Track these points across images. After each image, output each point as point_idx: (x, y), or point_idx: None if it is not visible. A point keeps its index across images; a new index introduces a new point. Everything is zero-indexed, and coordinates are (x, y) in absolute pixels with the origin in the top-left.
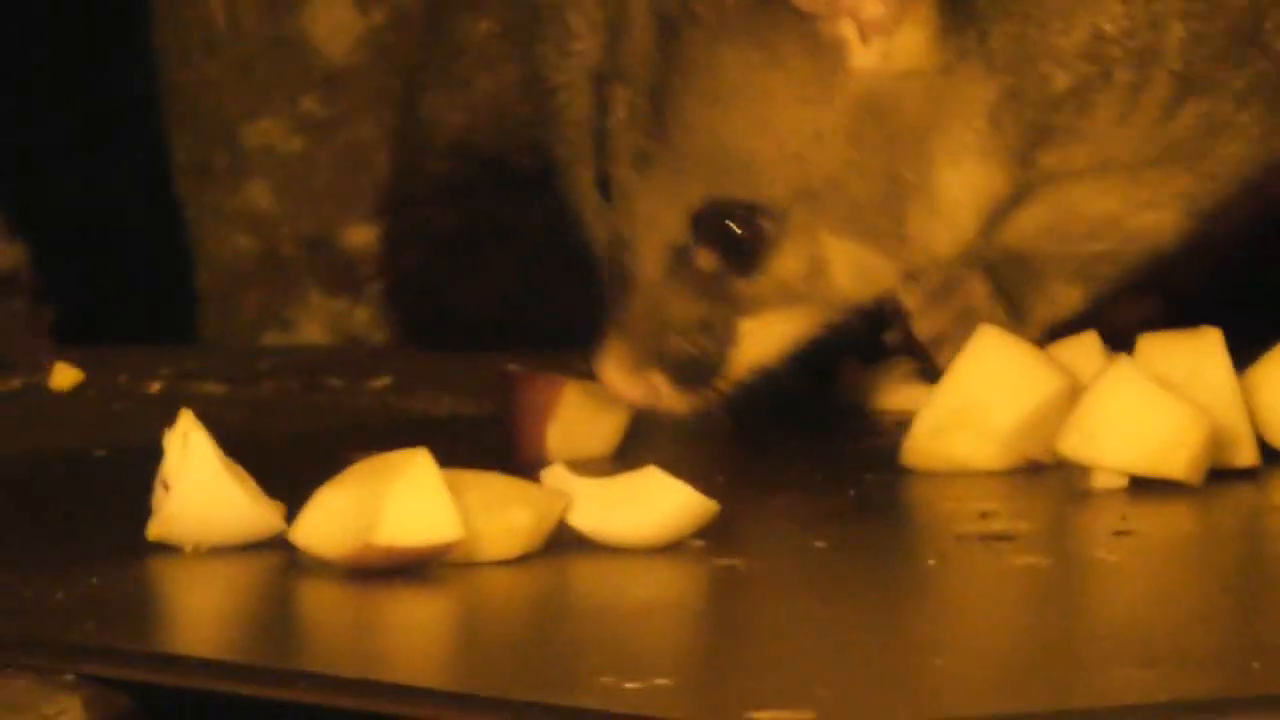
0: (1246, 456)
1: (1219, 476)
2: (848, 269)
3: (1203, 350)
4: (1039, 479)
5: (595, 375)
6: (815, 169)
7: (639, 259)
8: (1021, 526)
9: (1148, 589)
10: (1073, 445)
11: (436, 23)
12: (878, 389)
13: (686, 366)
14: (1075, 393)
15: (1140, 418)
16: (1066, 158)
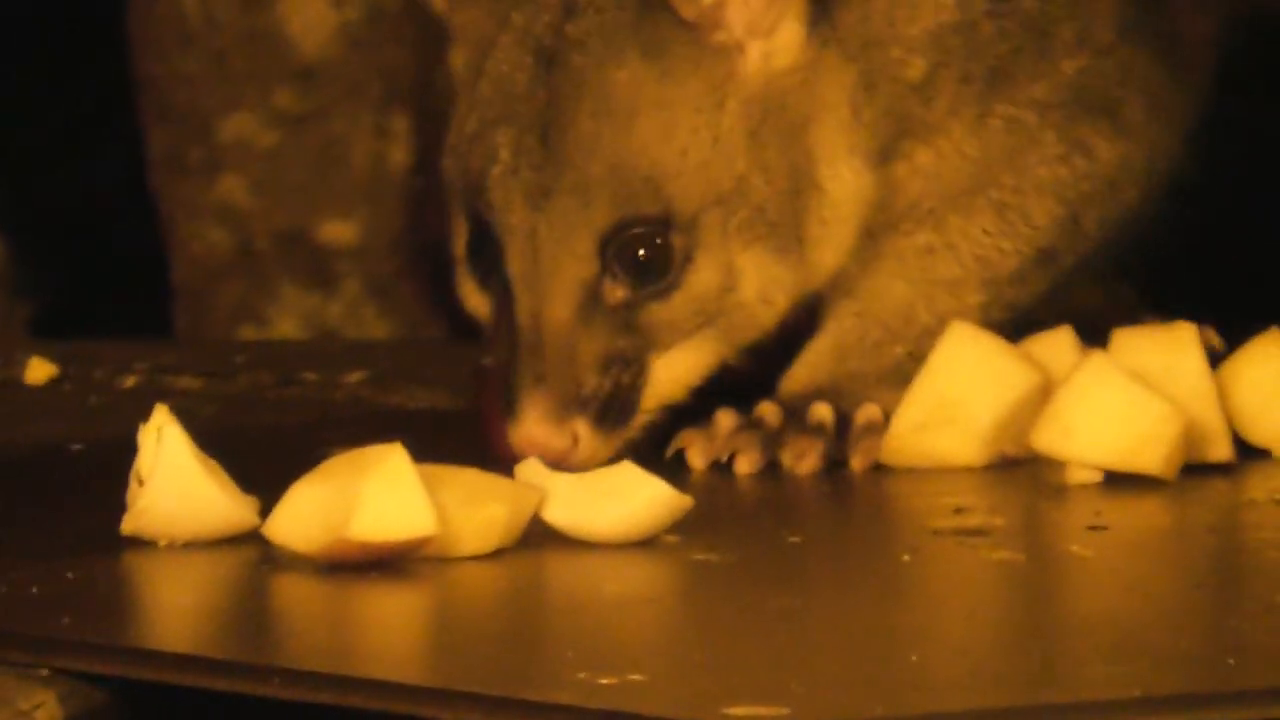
0: (1221, 451)
1: (1194, 471)
2: (755, 281)
3: (1177, 345)
4: (1013, 474)
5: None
6: (719, 175)
7: (549, 300)
8: (996, 522)
9: (1122, 584)
10: (1047, 440)
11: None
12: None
13: (606, 407)
14: (1049, 388)
15: (1115, 413)
16: (915, 165)
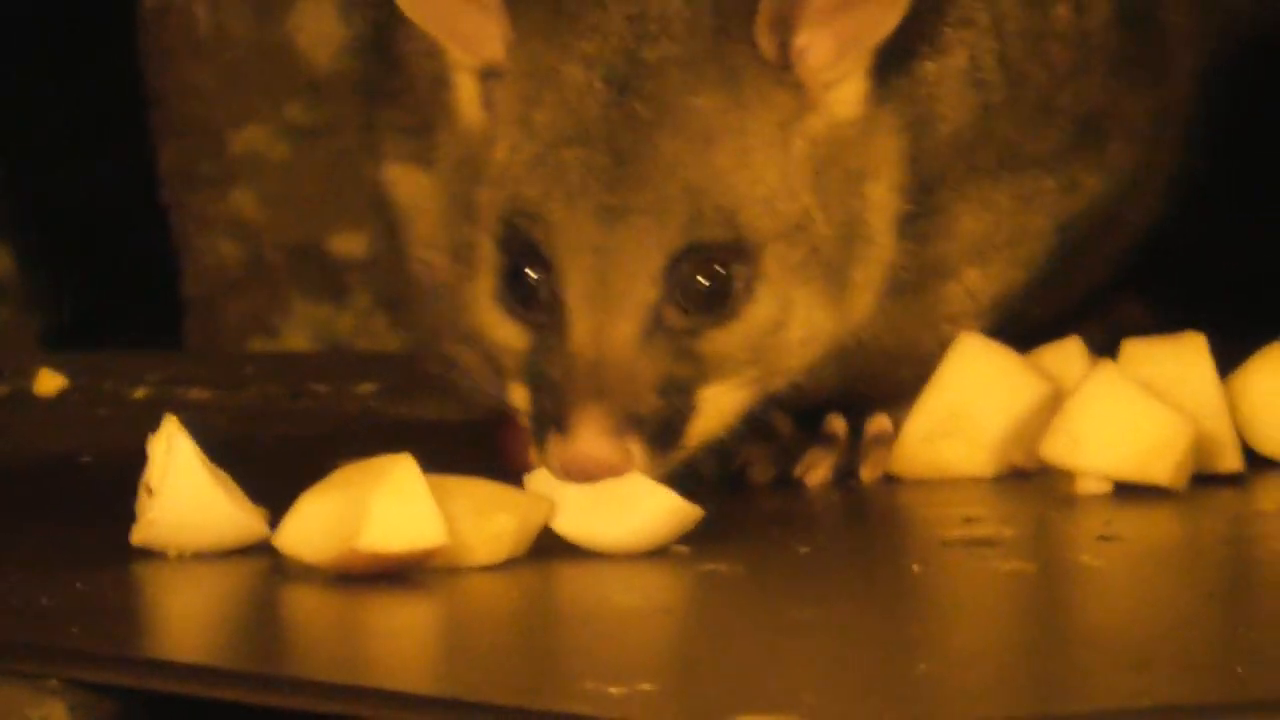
0: (1231, 462)
1: (1203, 482)
2: (804, 322)
3: (1187, 355)
4: (1023, 484)
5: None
6: (786, 209)
7: (615, 317)
8: (1006, 532)
9: (1132, 594)
10: (1057, 451)
11: None
12: None
13: (661, 429)
14: (1059, 398)
15: (1124, 423)
16: (938, 226)
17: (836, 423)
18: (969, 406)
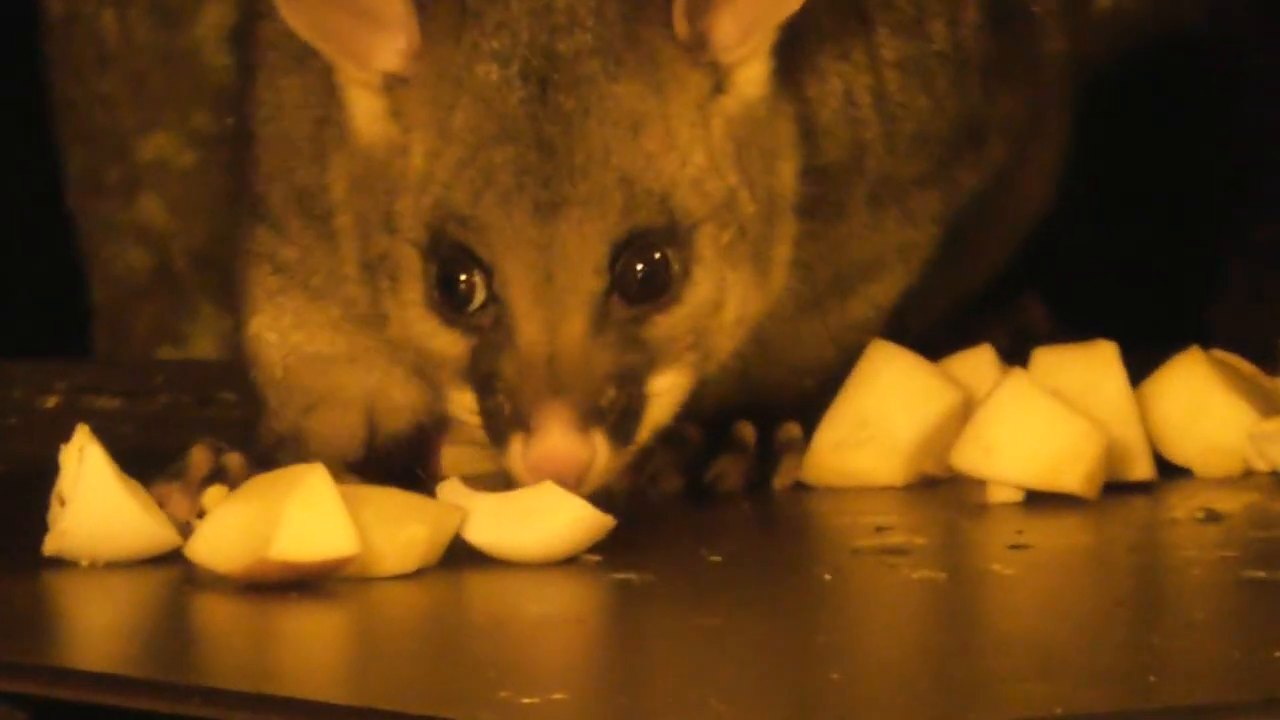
0: (1142, 470)
1: (1115, 490)
2: (738, 302)
3: (1098, 364)
4: (934, 493)
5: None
6: (713, 189)
7: (566, 313)
8: (917, 540)
9: (1044, 602)
10: (968, 459)
11: None
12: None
13: (620, 420)
14: (970, 407)
15: (1036, 431)
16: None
17: (746, 430)
18: (880, 414)
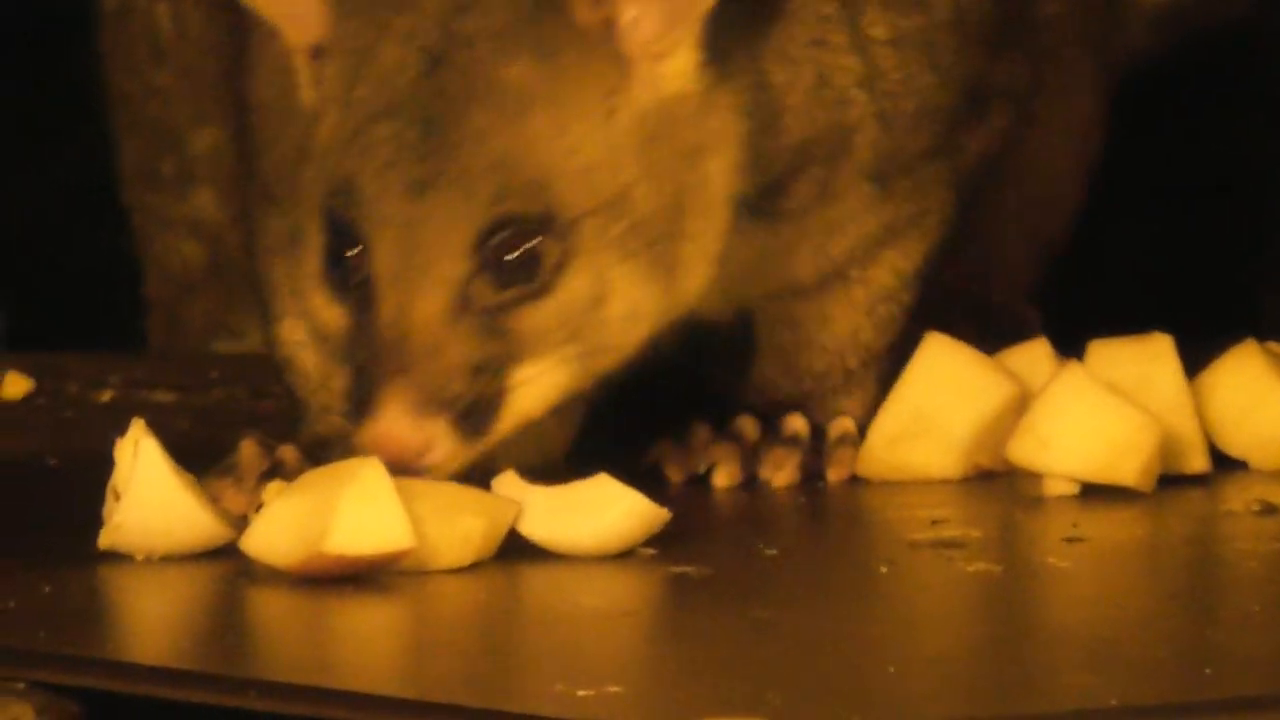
0: (1197, 462)
1: (1170, 482)
2: (625, 298)
3: (1153, 356)
4: (990, 486)
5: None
6: (604, 182)
7: (419, 294)
8: (973, 533)
9: (1099, 595)
10: (1024, 452)
11: None
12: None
13: (469, 411)
14: (1026, 400)
15: (1091, 424)
16: (815, 216)
17: (796, 422)
18: (935, 408)
